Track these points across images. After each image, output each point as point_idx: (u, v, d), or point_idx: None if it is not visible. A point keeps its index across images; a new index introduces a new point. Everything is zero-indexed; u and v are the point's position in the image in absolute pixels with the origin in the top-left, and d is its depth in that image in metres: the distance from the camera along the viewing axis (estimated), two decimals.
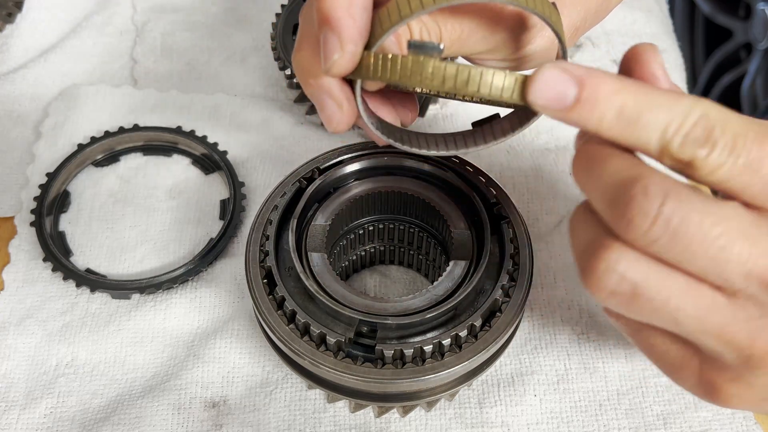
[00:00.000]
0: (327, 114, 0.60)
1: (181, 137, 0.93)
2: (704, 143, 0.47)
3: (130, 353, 0.79)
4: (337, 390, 0.67)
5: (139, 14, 1.09)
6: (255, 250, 0.69)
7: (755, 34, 1.37)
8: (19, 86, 1.01)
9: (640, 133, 0.48)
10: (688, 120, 0.47)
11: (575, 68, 0.48)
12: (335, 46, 0.54)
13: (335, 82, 0.59)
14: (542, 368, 0.77)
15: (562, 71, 0.48)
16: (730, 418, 0.74)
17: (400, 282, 0.84)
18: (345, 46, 0.54)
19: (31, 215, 0.87)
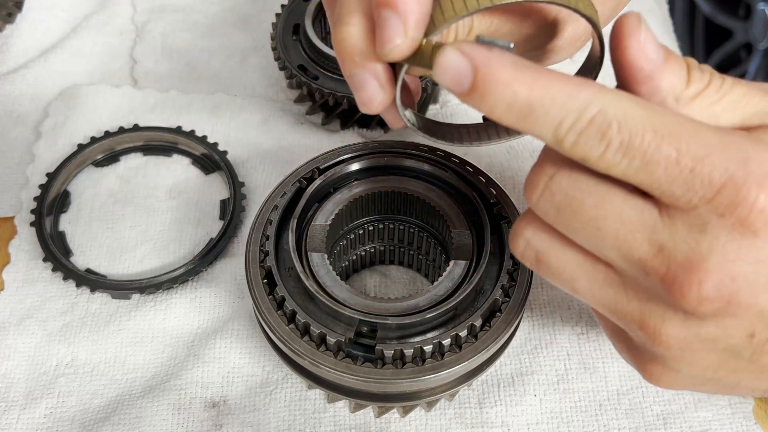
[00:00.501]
0: (368, 94, 0.57)
1: (181, 137, 0.93)
2: (598, 142, 0.45)
3: (130, 353, 0.79)
4: (337, 390, 0.67)
5: (139, 14, 1.09)
6: (255, 250, 0.69)
7: (755, 34, 1.37)
8: (19, 86, 1.01)
9: (533, 126, 0.46)
10: (583, 117, 0.45)
11: (476, 52, 0.46)
12: (398, 30, 0.51)
13: (383, 64, 0.55)
14: (542, 368, 0.77)
15: (460, 54, 0.46)
16: (730, 418, 0.74)
17: (400, 282, 0.84)
18: (409, 31, 0.51)
19: (31, 215, 0.87)
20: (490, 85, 0.45)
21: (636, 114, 0.45)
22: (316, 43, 0.92)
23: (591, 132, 0.45)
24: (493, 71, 0.45)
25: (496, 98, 0.46)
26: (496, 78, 0.45)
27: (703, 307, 0.47)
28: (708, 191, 0.45)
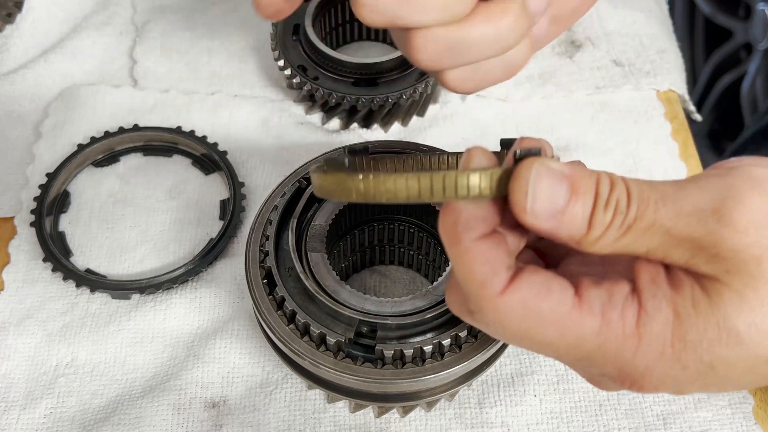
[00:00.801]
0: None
1: (181, 137, 0.93)
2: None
3: (130, 353, 0.79)
4: (337, 390, 0.67)
5: (139, 14, 1.09)
6: (255, 250, 0.69)
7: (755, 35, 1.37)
8: (19, 86, 1.01)
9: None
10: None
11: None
12: None
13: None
14: (542, 368, 0.77)
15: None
16: (730, 419, 0.74)
17: (400, 282, 0.84)
18: None
19: (31, 215, 0.87)
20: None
21: (513, 327, 0.48)
22: (316, 43, 0.92)
23: (473, 318, 0.51)
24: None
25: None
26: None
27: (651, 392, 0.49)
28: (595, 375, 0.50)
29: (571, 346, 0.47)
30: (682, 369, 0.46)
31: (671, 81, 1.02)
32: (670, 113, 0.99)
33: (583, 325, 0.46)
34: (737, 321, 0.45)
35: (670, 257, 0.46)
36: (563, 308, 0.46)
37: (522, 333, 0.47)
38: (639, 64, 1.03)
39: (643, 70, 1.02)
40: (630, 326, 0.46)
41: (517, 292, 0.46)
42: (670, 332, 0.46)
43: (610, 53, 1.04)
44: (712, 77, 1.52)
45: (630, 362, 0.47)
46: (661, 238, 0.46)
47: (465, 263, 0.47)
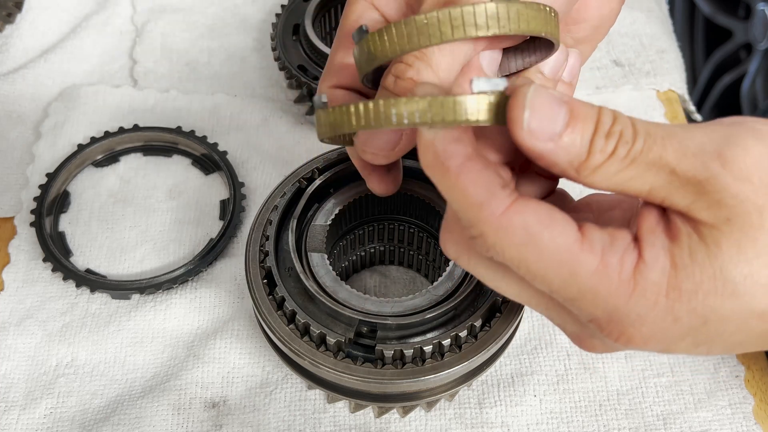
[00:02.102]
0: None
1: (181, 137, 0.93)
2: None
3: (130, 353, 0.79)
4: (337, 390, 0.67)
5: (139, 14, 1.09)
6: (255, 250, 0.69)
7: (755, 35, 1.37)
8: (19, 86, 1.01)
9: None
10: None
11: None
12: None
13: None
14: (542, 368, 0.77)
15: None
16: (730, 419, 0.74)
17: (400, 282, 0.84)
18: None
19: (31, 215, 0.87)
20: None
21: (512, 252, 0.46)
22: (316, 43, 0.92)
23: (474, 244, 0.48)
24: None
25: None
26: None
27: (638, 347, 0.48)
28: (583, 318, 0.49)
29: (565, 281, 0.46)
30: (674, 321, 0.46)
31: (671, 81, 1.02)
32: (670, 113, 0.99)
33: (582, 261, 0.46)
34: (734, 272, 0.44)
35: (671, 199, 0.46)
36: (565, 240, 0.46)
37: (520, 259, 0.46)
38: (639, 64, 1.03)
39: (643, 70, 1.02)
40: (627, 272, 0.46)
41: (520, 215, 0.45)
42: (665, 282, 0.45)
43: (610, 53, 1.04)
44: (712, 77, 1.52)
45: (622, 308, 0.46)
46: (666, 176, 0.45)
47: (458, 189, 0.46)
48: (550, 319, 0.54)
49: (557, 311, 0.52)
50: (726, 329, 0.46)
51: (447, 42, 0.50)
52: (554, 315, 0.52)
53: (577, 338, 0.54)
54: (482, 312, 0.64)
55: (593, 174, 0.46)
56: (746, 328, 0.47)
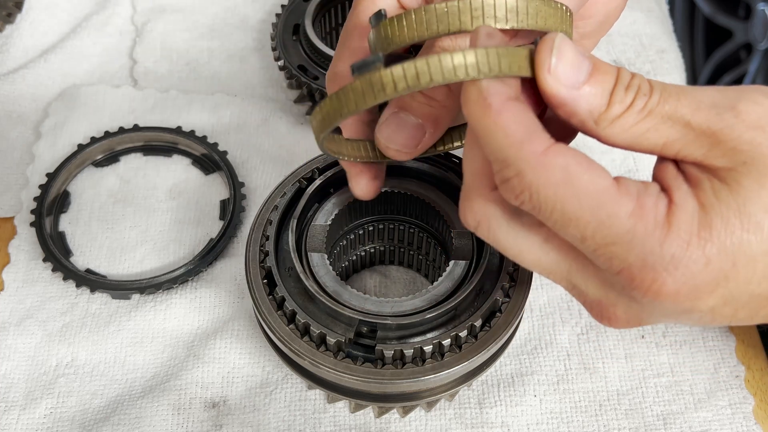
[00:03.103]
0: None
1: (181, 137, 0.93)
2: (513, 198, 0.48)
3: (130, 353, 0.79)
4: (337, 390, 0.67)
5: (139, 14, 1.09)
6: (255, 250, 0.69)
7: (755, 35, 1.37)
8: (19, 86, 1.01)
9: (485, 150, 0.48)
10: (502, 172, 0.48)
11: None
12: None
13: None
14: (542, 368, 0.77)
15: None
16: (730, 419, 0.74)
17: (400, 282, 0.84)
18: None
19: (31, 215, 0.87)
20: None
21: (549, 192, 0.46)
22: (316, 43, 0.92)
23: (506, 188, 0.48)
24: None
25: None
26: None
27: (666, 302, 0.48)
28: (613, 270, 0.48)
29: (601, 224, 0.46)
30: (706, 264, 0.46)
31: (671, 81, 1.02)
32: None
33: (619, 203, 0.46)
34: (757, 205, 0.46)
35: (686, 150, 0.47)
36: (603, 183, 0.46)
37: (555, 200, 0.46)
38: (639, 64, 1.03)
39: (643, 70, 1.02)
40: (661, 214, 0.46)
41: (561, 156, 0.46)
42: (696, 222, 0.46)
43: (610, 53, 1.04)
44: (712, 77, 1.52)
45: (656, 251, 0.46)
46: (681, 128, 0.47)
47: (499, 126, 0.46)
48: (569, 287, 0.53)
49: (581, 271, 0.51)
50: (754, 274, 0.47)
51: (465, 32, 0.51)
52: (578, 277, 0.52)
53: (598, 307, 0.53)
54: (482, 312, 0.64)
55: (611, 125, 0.48)
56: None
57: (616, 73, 0.48)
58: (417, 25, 0.51)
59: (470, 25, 0.50)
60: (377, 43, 0.54)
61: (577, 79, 0.47)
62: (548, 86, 0.47)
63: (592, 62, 0.48)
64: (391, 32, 0.52)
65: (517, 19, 0.51)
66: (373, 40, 0.55)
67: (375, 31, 0.54)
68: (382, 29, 0.53)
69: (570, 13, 0.54)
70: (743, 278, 0.47)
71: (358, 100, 0.48)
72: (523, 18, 0.51)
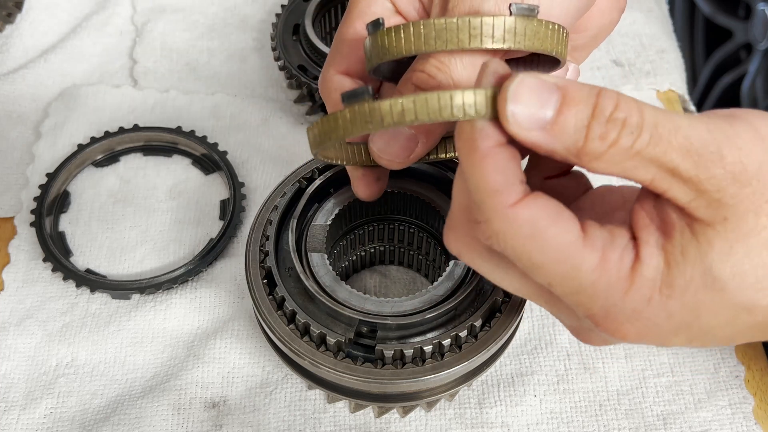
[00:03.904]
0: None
1: (181, 137, 0.93)
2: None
3: (130, 353, 0.79)
4: (337, 390, 0.67)
5: (139, 14, 1.09)
6: (255, 250, 0.69)
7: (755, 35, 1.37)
8: (19, 86, 1.01)
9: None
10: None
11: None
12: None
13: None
14: (542, 368, 0.77)
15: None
16: (730, 419, 0.74)
17: (400, 282, 0.84)
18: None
19: (31, 215, 0.87)
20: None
21: (516, 243, 0.47)
22: (316, 43, 0.92)
23: (478, 229, 0.49)
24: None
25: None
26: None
27: (633, 342, 0.50)
28: (580, 314, 0.50)
29: (565, 276, 0.47)
30: (668, 317, 0.47)
31: (671, 81, 1.02)
32: None
33: (583, 257, 0.46)
34: (724, 270, 0.45)
35: (673, 192, 0.46)
36: (568, 237, 0.46)
37: (522, 251, 0.47)
38: (639, 64, 1.03)
39: (643, 70, 1.02)
40: (625, 269, 0.47)
41: (528, 210, 0.46)
42: (660, 278, 0.46)
43: (610, 53, 1.04)
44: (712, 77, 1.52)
45: (618, 304, 0.47)
46: (668, 172, 0.45)
47: (481, 169, 0.46)
48: (549, 311, 0.54)
49: (556, 305, 0.52)
50: (717, 323, 0.47)
51: (462, 49, 0.51)
52: (553, 308, 0.53)
53: (575, 331, 0.55)
54: (482, 312, 0.64)
55: (596, 161, 0.46)
56: (737, 322, 0.48)
57: (593, 101, 0.45)
58: (414, 39, 0.51)
59: (468, 43, 0.50)
60: (372, 51, 0.55)
61: (543, 118, 0.44)
62: (515, 134, 0.45)
63: (562, 93, 0.45)
64: (387, 43, 0.52)
65: (515, 40, 0.50)
66: (368, 48, 0.55)
67: (371, 40, 0.54)
68: (379, 39, 0.53)
69: (566, 33, 0.54)
70: (707, 326, 0.48)
71: (346, 128, 0.48)
72: (520, 39, 0.51)
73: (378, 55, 0.54)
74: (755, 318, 0.47)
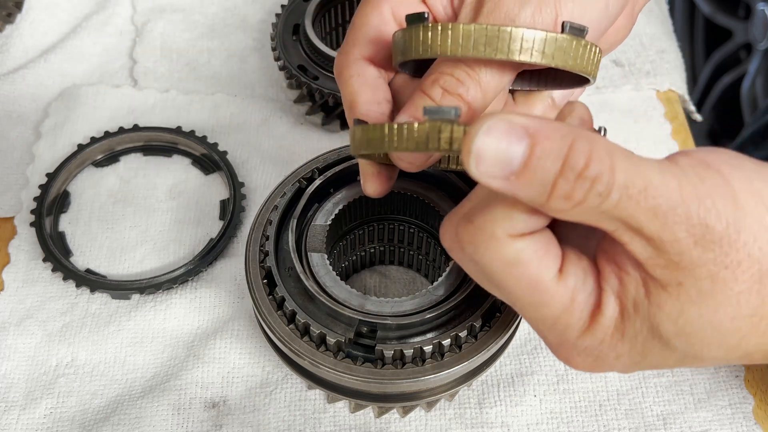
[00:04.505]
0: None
1: (181, 137, 0.93)
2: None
3: (130, 353, 0.79)
4: (337, 390, 0.67)
5: (139, 14, 1.09)
6: (255, 250, 0.69)
7: (755, 35, 1.37)
8: (19, 86, 1.01)
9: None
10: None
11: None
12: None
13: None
14: (542, 368, 0.77)
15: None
16: (730, 419, 0.74)
17: (400, 282, 0.84)
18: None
19: (31, 215, 0.87)
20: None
21: (494, 266, 0.49)
22: (316, 43, 0.92)
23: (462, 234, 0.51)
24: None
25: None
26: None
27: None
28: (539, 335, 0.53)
29: (532, 305, 0.49)
30: (616, 357, 0.50)
31: (671, 81, 1.02)
32: (670, 113, 0.99)
33: (555, 296, 0.48)
34: (669, 330, 0.47)
35: (633, 246, 0.46)
36: (547, 275, 0.48)
37: (500, 276, 0.49)
38: (639, 64, 1.03)
39: (643, 70, 1.02)
40: (586, 313, 0.49)
41: (514, 244, 0.47)
42: (612, 326, 0.49)
43: (610, 53, 1.04)
44: (712, 77, 1.52)
45: (572, 341, 0.50)
46: (633, 231, 0.45)
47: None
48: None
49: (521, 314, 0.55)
50: (665, 364, 0.51)
51: (488, 58, 0.50)
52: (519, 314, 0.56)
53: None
54: (482, 312, 0.64)
55: (559, 214, 0.45)
56: (682, 364, 0.51)
57: (564, 153, 0.42)
58: (442, 42, 0.49)
59: (494, 53, 0.49)
60: (407, 45, 0.52)
61: (508, 169, 0.42)
62: (477, 178, 0.43)
63: (532, 142, 0.42)
64: (430, 40, 0.50)
65: (543, 55, 0.50)
66: (401, 41, 0.53)
67: (407, 33, 0.52)
68: (421, 34, 0.51)
69: (599, 52, 0.54)
70: (656, 363, 0.51)
71: (392, 143, 0.47)
72: (549, 54, 0.50)
73: (403, 53, 0.52)
74: (705, 364, 0.51)
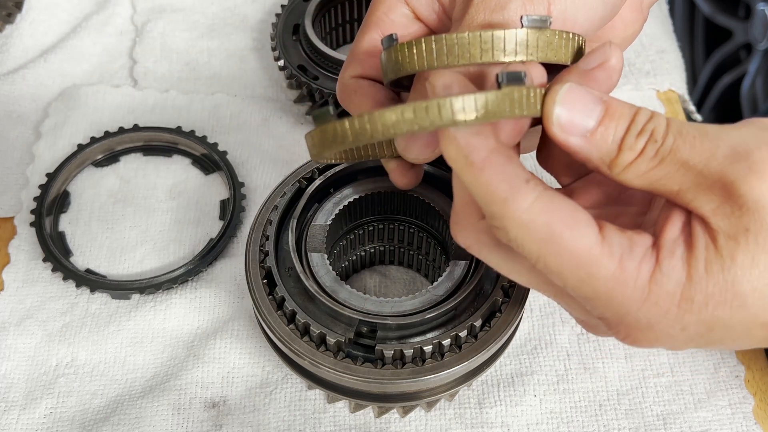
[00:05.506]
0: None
1: (181, 137, 0.93)
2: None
3: (130, 353, 0.79)
4: (337, 390, 0.67)
5: (139, 14, 1.09)
6: (255, 250, 0.69)
7: (755, 35, 1.37)
8: (19, 86, 1.01)
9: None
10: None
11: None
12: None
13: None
14: (542, 368, 0.77)
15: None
16: (730, 419, 0.74)
17: (400, 282, 0.84)
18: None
19: (31, 215, 0.87)
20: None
21: (532, 247, 0.47)
22: (316, 43, 0.92)
23: (495, 232, 0.49)
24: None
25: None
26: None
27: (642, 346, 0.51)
28: (594, 315, 0.51)
29: (580, 281, 0.47)
30: (682, 330, 0.47)
31: (671, 81, 1.02)
32: (670, 113, 0.99)
33: (600, 265, 0.46)
34: (745, 285, 0.45)
35: (698, 201, 0.46)
36: (585, 242, 0.46)
37: (538, 254, 0.47)
38: (639, 64, 1.03)
39: (643, 70, 1.02)
40: (643, 280, 0.46)
41: (545, 215, 0.46)
42: (679, 293, 0.46)
43: None
44: (712, 77, 1.52)
45: (633, 314, 0.47)
46: (693, 177, 0.46)
47: (482, 183, 0.46)
48: (558, 303, 0.55)
49: (566, 299, 0.53)
50: (730, 336, 0.48)
51: (474, 64, 0.51)
52: (562, 302, 0.53)
53: (582, 323, 0.55)
54: (482, 312, 0.64)
55: (625, 172, 0.47)
56: (750, 335, 0.48)
57: (631, 116, 0.48)
58: (427, 55, 0.51)
59: (479, 57, 0.50)
60: (388, 66, 0.55)
61: (584, 127, 0.47)
62: (555, 138, 0.47)
63: (605, 105, 0.48)
64: (401, 58, 0.52)
65: (527, 53, 0.50)
66: (384, 62, 0.56)
67: (386, 54, 0.54)
68: (393, 54, 0.53)
69: (582, 40, 0.54)
70: (719, 338, 0.48)
71: (324, 145, 0.49)
72: (533, 51, 0.50)
73: (393, 70, 0.54)
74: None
